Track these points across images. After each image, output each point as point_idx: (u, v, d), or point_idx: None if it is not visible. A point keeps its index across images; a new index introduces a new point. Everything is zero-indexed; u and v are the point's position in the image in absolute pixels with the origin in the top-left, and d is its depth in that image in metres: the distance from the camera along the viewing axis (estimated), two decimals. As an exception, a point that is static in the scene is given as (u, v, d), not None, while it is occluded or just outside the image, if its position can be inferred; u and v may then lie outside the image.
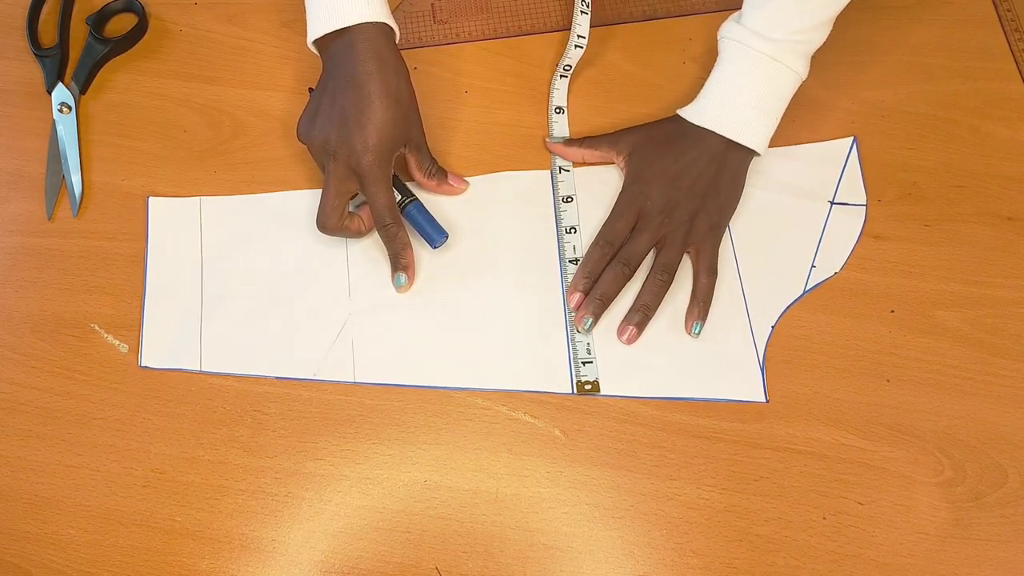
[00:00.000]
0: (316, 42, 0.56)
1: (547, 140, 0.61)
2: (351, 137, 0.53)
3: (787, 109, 0.56)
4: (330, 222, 0.55)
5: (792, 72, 0.54)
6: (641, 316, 0.55)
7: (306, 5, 0.55)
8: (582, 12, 0.64)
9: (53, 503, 0.53)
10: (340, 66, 0.54)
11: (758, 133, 0.55)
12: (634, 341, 0.55)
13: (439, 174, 0.58)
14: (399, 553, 0.51)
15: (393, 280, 0.56)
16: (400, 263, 0.56)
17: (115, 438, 0.54)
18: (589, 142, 0.60)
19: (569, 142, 0.60)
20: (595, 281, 0.56)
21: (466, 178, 0.60)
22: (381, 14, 0.54)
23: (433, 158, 0.58)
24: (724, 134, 0.55)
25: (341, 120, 0.53)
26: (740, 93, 0.55)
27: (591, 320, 0.55)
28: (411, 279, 0.57)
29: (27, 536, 0.52)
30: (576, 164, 0.61)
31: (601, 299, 0.55)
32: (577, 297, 0.56)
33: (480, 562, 0.50)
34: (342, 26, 0.53)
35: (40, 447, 0.54)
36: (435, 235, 0.57)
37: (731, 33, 0.55)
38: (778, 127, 0.56)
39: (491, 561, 0.50)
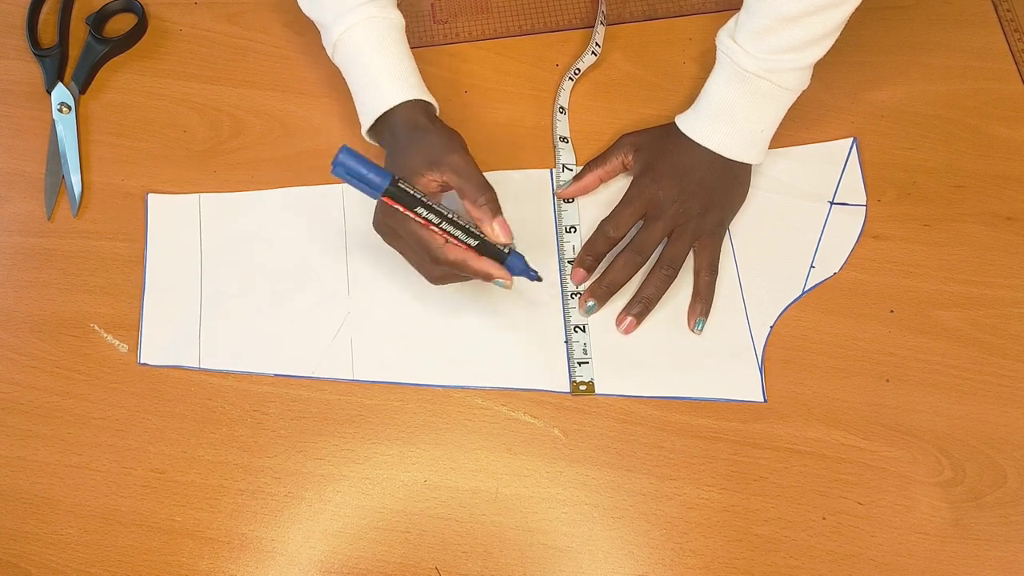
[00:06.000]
0: (368, 133, 0.56)
1: (558, 192, 0.60)
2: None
3: (787, 109, 0.55)
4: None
5: (784, 90, 0.53)
6: (642, 308, 0.55)
7: (355, 101, 0.55)
8: (600, 23, 0.64)
9: (52, 503, 0.53)
10: (390, 150, 0.54)
11: (751, 148, 0.55)
12: (632, 331, 0.55)
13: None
14: (399, 553, 0.51)
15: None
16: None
17: (115, 438, 0.54)
18: (596, 162, 0.59)
19: (578, 176, 0.59)
20: (598, 260, 0.56)
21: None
22: (413, 92, 0.53)
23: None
24: (717, 151, 0.55)
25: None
26: (731, 109, 0.54)
27: (595, 304, 0.55)
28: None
29: (26, 536, 0.52)
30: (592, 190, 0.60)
31: (609, 286, 0.55)
32: (581, 274, 0.55)
33: (480, 562, 0.50)
34: (380, 113, 0.53)
35: (40, 447, 0.54)
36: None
37: (724, 46, 0.54)
38: (779, 127, 0.56)
39: (491, 561, 0.50)
